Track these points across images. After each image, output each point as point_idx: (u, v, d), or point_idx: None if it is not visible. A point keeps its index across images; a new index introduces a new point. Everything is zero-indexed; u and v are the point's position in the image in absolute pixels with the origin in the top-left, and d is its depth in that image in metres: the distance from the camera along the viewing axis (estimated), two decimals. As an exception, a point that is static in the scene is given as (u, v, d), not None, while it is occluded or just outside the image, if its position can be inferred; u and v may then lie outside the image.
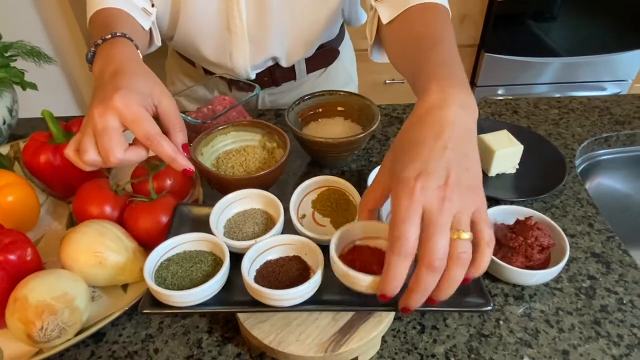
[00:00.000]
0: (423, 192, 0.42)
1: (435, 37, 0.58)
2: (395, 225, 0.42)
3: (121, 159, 0.54)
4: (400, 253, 0.41)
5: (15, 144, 0.81)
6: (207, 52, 0.88)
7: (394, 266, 0.42)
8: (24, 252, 0.55)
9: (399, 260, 0.42)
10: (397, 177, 0.43)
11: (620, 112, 0.94)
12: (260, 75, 0.94)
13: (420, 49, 0.57)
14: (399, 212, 0.42)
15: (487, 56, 1.97)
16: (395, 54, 0.66)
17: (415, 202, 0.41)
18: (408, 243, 0.41)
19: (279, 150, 0.73)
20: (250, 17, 0.82)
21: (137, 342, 0.56)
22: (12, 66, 0.83)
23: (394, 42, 0.66)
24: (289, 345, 0.50)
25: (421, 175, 0.42)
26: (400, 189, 0.42)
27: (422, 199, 0.42)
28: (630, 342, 0.55)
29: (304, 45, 0.91)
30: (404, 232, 0.41)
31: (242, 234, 0.58)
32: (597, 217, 0.71)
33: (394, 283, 0.42)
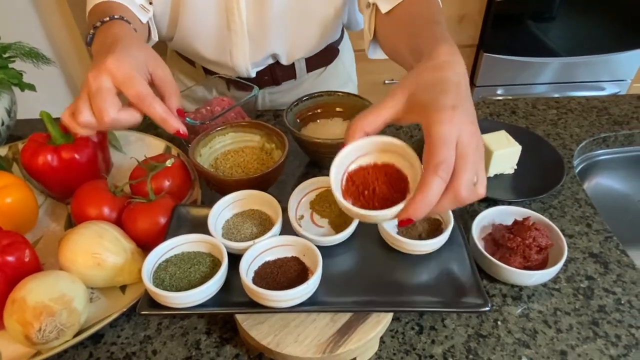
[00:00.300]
0: (460, 121, 0.43)
1: (432, 17, 0.61)
2: (437, 149, 0.42)
3: (114, 118, 0.54)
4: (443, 176, 0.41)
5: (14, 145, 0.81)
6: (208, 51, 0.88)
7: (433, 188, 0.41)
8: (22, 254, 0.55)
9: (440, 182, 0.41)
10: (434, 105, 0.44)
11: (619, 113, 0.94)
12: (261, 73, 0.94)
13: (422, 26, 0.59)
14: (442, 136, 0.42)
15: (486, 56, 1.98)
16: (394, 36, 0.67)
17: (454, 128, 0.42)
18: (450, 167, 0.42)
19: (278, 151, 0.73)
20: (250, 15, 0.83)
21: (135, 343, 0.56)
22: (10, 67, 0.83)
23: (392, 27, 0.68)
24: (287, 346, 0.50)
25: (457, 108, 0.43)
26: (442, 114, 0.43)
27: (458, 128, 0.43)
28: (628, 342, 0.55)
29: (307, 44, 0.91)
30: (447, 156, 0.42)
31: (241, 235, 0.58)
32: (595, 217, 0.71)
33: (426, 206, 0.42)
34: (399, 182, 0.48)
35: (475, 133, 0.44)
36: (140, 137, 0.84)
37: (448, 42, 0.51)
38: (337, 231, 0.58)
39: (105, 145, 0.74)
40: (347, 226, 0.57)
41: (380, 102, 0.47)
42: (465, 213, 0.72)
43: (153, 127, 0.92)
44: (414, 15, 0.64)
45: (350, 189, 0.48)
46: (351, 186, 0.48)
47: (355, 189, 0.48)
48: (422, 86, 0.46)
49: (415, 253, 0.57)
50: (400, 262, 0.57)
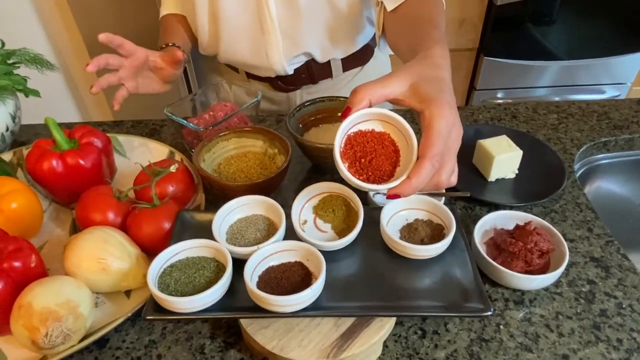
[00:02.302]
0: (454, 120, 0.48)
1: (432, 21, 0.65)
2: (436, 141, 0.46)
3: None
4: (436, 166, 0.46)
5: (18, 151, 0.82)
6: (247, 57, 0.94)
7: (427, 174, 0.46)
8: (28, 259, 0.55)
9: (432, 171, 0.46)
10: (438, 99, 0.47)
11: (619, 117, 0.94)
12: (298, 71, 0.97)
13: (422, 28, 0.64)
14: (441, 130, 0.46)
15: (486, 60, 1.98)
16: (396, 34, 0.73)
17: (451, 125, 0.47)
18: (442, 158, 0.47)
19: (280, 156, 0.74)
20: (280, 13, 0.87)
21: (140, 348, 0.57)
22: (15, 73, 0.84)
23: (396, 25, 0.74)
24: (291, 350, 0.50)
25: (453, 107, 0.48)
26: (446, 110, 0.47)
27: (452, 125, 0.48)
28: (629, 346, 0.56)
29: (338, 39, 0.93)
30: (442, 149, 0.46)
31: (245, 240, 0.58)
32: (596, 221, 0.72)
33: (415, 189, 0.46)
34: (393, 153, 0.51)
35: (460, 132, 0.50)
36: (144, 142, 0.85)
37: (442, 46, 0.56)
38: (341, 236, 0.58)
39: (109, 150, 0.75)
40: (350, 231, 0.57)
41: (385, 77, 0.50)
42: (467, 218, 0.72)
43: (157, 133, 0.93)
44: (415, 17, 0.69)
45: (348, 152, 0.51)
46: (349, 150, 0.51)
47: (353, 154, 0.50)
48: (424, 79, 0.50)
49: (418, 258, 0.57)
50: (403, 266, 0.57)
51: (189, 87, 1.71)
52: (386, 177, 0.50)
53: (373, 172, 0.50)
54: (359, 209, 0.59)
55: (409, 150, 0.50)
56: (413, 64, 0.52)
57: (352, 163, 0.50)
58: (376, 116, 0.51)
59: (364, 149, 0.50)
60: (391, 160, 0.51)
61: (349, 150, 0.50)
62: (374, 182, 0.49)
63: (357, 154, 0.50)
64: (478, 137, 0.78)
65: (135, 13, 1.62)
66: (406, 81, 0.50)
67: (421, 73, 0.51)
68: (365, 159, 0.50)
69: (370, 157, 0.50)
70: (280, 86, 1.00)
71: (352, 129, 0.51)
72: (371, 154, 0.50)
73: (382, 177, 0.50)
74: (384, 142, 0.51)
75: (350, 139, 0.51)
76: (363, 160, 0.50)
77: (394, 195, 0.47)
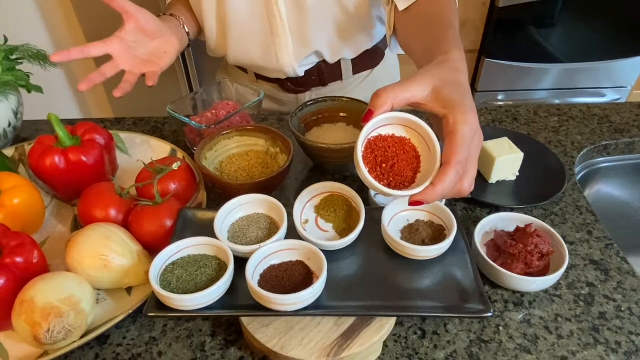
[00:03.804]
0: (477, 127, 0.48)
1: (448, 20, 0.64)
2: (461, 147, 0.46)
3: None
4: (460, 173, 0.46)
5: (20, 147, 0.82)
6: (256, 59, 0.94)
7: (452, 181, 0.46)
8: (30, 255, 0.56)
9: (457, 177, 0.46)
10: (463, 106, 0.47)
11: (620, 121, 0.95)
12: (309, 73, 0.97)
13: (437, 29, 0.63)
14: (466, 136, 0.46)
15: (488, 62, 1.98)
16: (409, 34, 0.72)
17: (474, 130, 0.47)
18: (465, 165, 0.47)
19: (282, 155, 0.74)
20: (290, 13, 0.86)
21: (141, 345, 0.57)
22: (18, 69, 0.84)
23: (409, 25, 0.72)
24: (292, 349, 0.50)
25: (476, 113, 0.48)
26: (471, 117, 0.46)
27: (475, 132, 0.47)
28: (628, 349, 0.56)
29: (347, 38, 0.93)
30: (466, 156, 0.46)
31: (246, 238, 0.58)
32: (596, 224, 0.72)
33: (439, 196, 0.46)
34: (414, 160, 0.51)
35: (481, 139, 0.49)
36: (146, 140, 0.85)
37: (460, 49, 0.55)
38: (342, 236, 0.59)
39: (111, 147, 0.75)
40: (352, 231, 0.58)
41: (407, 80, 0.50)
42: (468, 219, 0.72)
43: (158, 130, 0.93)
44: (430, 16, 0.68)
45: (369, 157, 0.50)
46: (369, 154, 0.50)
47: (374, 159, 0.50)
48: (446, 83, 0.49)
49: (419, 258, 0.57)
50: (404, 267, 0.57)
51: (190, 85, 1.71)
52: (407, 183, 0.49)
53: (394, 177, 0.49)
54: (360, 209, 0.59)
55: (430, 156, 0.49)
56: (433, 68, 0.52)
57: (372, 168, 0.49)
58: (398, 120, 0.51)
59: (385, 153, 0.50)
60: (412, 166, 0.50)
61: (369, 155, 0.50)
62: (395, 188, 0.49)
63: (377, 158, 0.50)
64: (479, 139, 0.79)
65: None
66: (428, 85, 0.49)
67: (443, 77, 0.50)
68: (386, 164, 0.50)
69: (392, 162, 0.50)
70: (289, 87, 1.00)
71: (372, 133, 0.51)
72: (392, 159, 0.50)
73: (404, 182, 0.49)
74: (405, 147, 0.51)
75: (371, 143, 0.50)
76: (384, 165, 0.49)
77: (416, 202, 0.47)
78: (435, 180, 0.46)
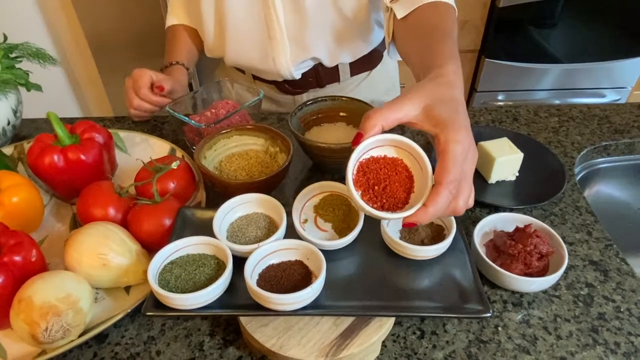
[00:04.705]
0: (469, 145, 0.47)
1: (445, 31, 0.63)
2: (452, 167, 0.45)
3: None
4: (453, 192, 0.46)
5: (19, 145, 0.82)
6: (254, 62, 0.94)
7: (442, 201, 0.45)
8: (28, 254, 0.55)
9: (450, 197, 0.46)
10: (453, 124, 0.46)
11: (620, 121, 0.95)
12: (306, 75, 0.97)
13: (434, 39, 0.62)
14: (457, 155, 0.45)
15: (488, 62, 1.98)
16: (407, 43, 0.71)
17: (465, 149, 0.46)
18: (459, 184, 0.46)
19: (282, 154, 0.74)
20: (287, 18, 0.86)
21: (139, 344, 0.57)
22: (17, 67, 0.84)
23: (407, 33, 0.71)
24: (290, 349, 0.50)
25: (468, 129, 0.47)
26: (461, 135, 0.46)
27: (467, 149, 0.47)
28: (627, 349, 0.56)
29: (345, 44, 0.93)
30: (458, 175, 0.46)
31: (245, 238, 0.58)
32: (596, 225, 0.72)
33: (433, 216, 0.46)
34: (406, 180, 0.50)
35: (476, 155, 0.49)
36: (145, 139, 0.85)
37: (455, 60, 0.55)
38: (341, 235, 0.59)
39: (110, 146, 0.75)
40: (351, 231, 0.58)
41: (397, 100, 0.49)
42: (467, 219, 0.72)
43: (157, 130, 0.93)
44: (427, 27, 0.66)
45: (361, 179, 0.50)
46: (361, 177, 0.50)
47: (366, 181, 0.50)
48: (438, 100, 0.49)
49: (418, 258, 0.57)
50: (403, 267, 0.57)
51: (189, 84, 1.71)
52: (401, 205, 0.49)
53: (387, 199, 0.49)
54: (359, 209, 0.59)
55: (423, 176, 0.49)
56: (425, 84, 0.51)
57: (365, 190, 0.49)
58: (389, 142, 0.51)
59: (377, 175, 0.50)
60: (405, 186, 0.50)
61: (361, 178, 0.50)
62: (389, 210, 0.49)
63: (370, 181, 0.50)
64: (479, 139, 0.78)
65: (137, 6, 1.62)
66: (419, 104, 0.49)
67: (434, 94, 0.49)
68: (379, 186, 0.49)
69: (384, 184, 0.49)
70: (287, 89, 1.00)
71: (364, 156, 0.51)
72: (385, 181, 0.50)
73: (397, 204, 0.49)
74: (397, 168, 0.51)
75: (362, 165, 0.50)
76: (377, 187, 0.49)
77: (410, 223, 0.46)
78: (428, 201, 0.46)
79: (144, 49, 1.69)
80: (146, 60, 1.70)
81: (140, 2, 1.61)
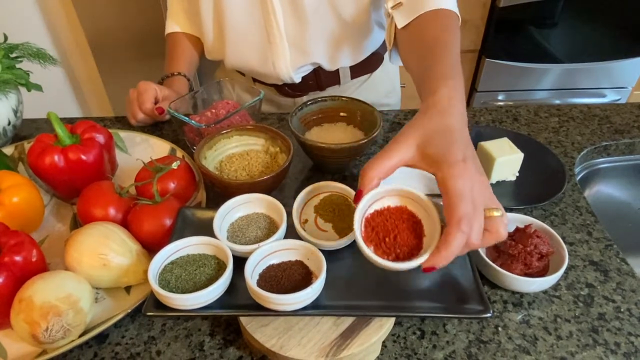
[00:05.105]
0: (471, 175, 0.46)
1: (445, 44, 0.61)
2: (459, 203, 0.44)
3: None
4: (465, 230, 0.44)
5: (20, 145, 0.82)
6: (253, 66, 0.94)
7: (456, 241, 0.44)
8: (29, 254, 0.56)
9: (462, 237, 0.44)
10: (447, 159, 0.46)
11: (620, 121, 0.95)
12: (306, 78, 0.97)
13: (432, 56, 0.60)
14: (459, 191, 0.44)
15: (488, 61, 1.98)
16: (407, 55, 0.70)
17: (469, 181, 0.45)
18: (470, 220, 0.44)
19: (282, 155, 0.74)
20: (287, 23, 0.86)
21: (139, 344, 0.57)
22: (17, 67, 0.84)
23: (407, 45, 0.70)
24: (290, 349, 0.50)
25: (467, 159, 0.46)
26: (457, 169, 0.45)
27: (470, 181, 0.45)
28: (627, 350, 0.56)
29: (346, 49, 0.93)
30: (467, 211, 0.44)
31: (245, 238, 0.58)
32: (596, 225, 0.72)
33: (449, 258, 0.45)
34: (415, 225, 0.51)
35: (483, 182, 0.47)
36: (146, 139, 0.85)
37: (451, 80, 0.53)
38: (341, 236, 0.59)
39: (111, 146, 0.75)
40: (351, 231, 0.57)
41: (390, 147, 0.49)
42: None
43: (158, 130, 0.93)
44: (427, 40, 0.65)
45: (370, 235, 0.50)
46: (370, 232, 0.50)
47: (375, 235, 0.50)
48: (430, 136, 0.48)
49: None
50: (403, 267, 0.57)
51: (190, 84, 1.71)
52: (415, 251, 0.49)
53: (400, 248, 0.49)
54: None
55: (431, 218, 0.49)
56: (416, 120, 0.51)
57: (377, 245, 0.50)
58: (388, 193, 0.51)
59: (385, 227, 0.50)
60: (415, 232, 0.50)
61: (370, 233, 0.50)
62: (404, 259, 0.48)
63: (379, 234, 0.50)
64: (479, 139, 0.79)
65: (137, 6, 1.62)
66: (412, 145, 0.48)
67: (426, 130, 0.49)
68: (389, 237, 0.50)
69: (393, 234, 0.50)
70: (287, 92, 1.00)
71: (368, 211, 0.51)
72: (394, 231, 0.50)
73: (412, 251, 0.49)
74: (403, 216, 0.51)
75: (369, 220, 0.51)
76: (387, 239, 0.50)
77: (429, 268, 0.46)
78: (440, 243, 0.45)
79: (144, 48, 1.70)
80: (146, 60, 1.71)
81: (140, 2, 1.61)
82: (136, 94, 0.88)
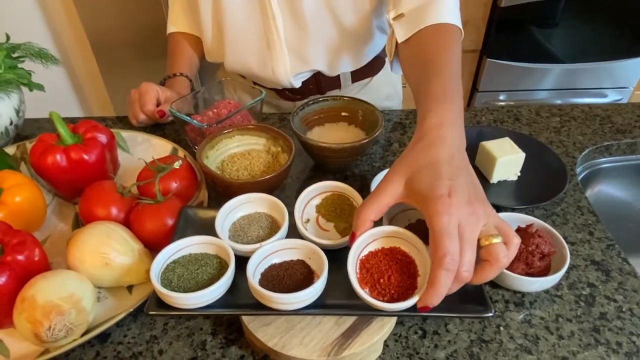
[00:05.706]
0: (458, 208, 0.45)
1: (440, 65, 0.61)
2: (441, 241, 0.44)
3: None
4: (449, 268, 0.44)
5: (22, 145, 0.82)
6: (253, 70, 0.94)
7: (441, 280, 0.44)
8: (31, 253, 0.56)
9: (447, 275, 0.44)
10: (431, 195, 0.46)
11: (621, 121, 0.95)
12: (306, 83, 0.97)
13: (427, 77, 0.60)
14: (443, 228, 0.44)
15: (489, 61, 1.98)
16: (407, 69, 0.70)
17: (454, 217, 0.45)
18: (455, 256, 0.44)
19: (284, 154, 0.74)
20: (286, 29, 0.86)
21: (141, 343, 0.57)
22: (19, 67, 0.84)
23: (407, 59, 0.70)
24: (292, 348, 0.50)
25: (452, 193, 0.45)
26: (440, 206, 0.45)
27: (456, 216, 0.45)
28: (629, 349, 0.56)
29: (346, 55, 0.92)
30: (451, 248, 0.44)
31: (247, 237, 0.58)
32: (597, 225, 0.72)
33: (440, 296, 0.45)
34: (408, 265, 0.52)
35: (474, 212, 0.46)
36: (147, 139, 0.85)
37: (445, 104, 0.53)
38: (343, 235, 0.59)
39: (113, 146, 0.75)
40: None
41: (380, 189, 0.50)
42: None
43: (160, 129, 0.93)
44: (425, 57, 0.64)
45: (365, 277, 0.51)
46: (365, 274, 0.52)
47: (370, 277, 0.51)
48: (417, 171, 0.49)
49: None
50: (405, 266, 0.57)
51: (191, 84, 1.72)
52: (411, 291, 0.50)
53: (395, 289, 0.50)
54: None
55: (423, 257, 0.51)
56: (405, 155, 0.51)
57: (372, 286, 0.51)
58: (380, 234, 0.53)
59: (379, 269, 0.51)
60: (409, 272, 0.51)
61: (365, 275, 0.51)
62: (399, 300, 0.49)
63: (374, 275, 0.51)
64: (480, 139, 0.79)
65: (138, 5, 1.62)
66: (400, 182, 0.49)
67: (412, 165, 0.49)
68: (383, 278, 0.51)
69: (387, 275, 0.51)
70: (287, 95, 1.00)
71: (362, 253, 0.53)
72: (387, 272, 0.51)
73: (407, 291, 0.50)
74: (396, 256, 0.52)
75: (363, 262, 0.52)
76: (382, 280, 0.51)
77: (423, 307, 0.46)
78: (428, 283, 0.45)
79: (145, 47, 1.70)
80: (148, 60, 1.71)
81: (141, 1, 1.62)
82: (138, 94, 0.88)
